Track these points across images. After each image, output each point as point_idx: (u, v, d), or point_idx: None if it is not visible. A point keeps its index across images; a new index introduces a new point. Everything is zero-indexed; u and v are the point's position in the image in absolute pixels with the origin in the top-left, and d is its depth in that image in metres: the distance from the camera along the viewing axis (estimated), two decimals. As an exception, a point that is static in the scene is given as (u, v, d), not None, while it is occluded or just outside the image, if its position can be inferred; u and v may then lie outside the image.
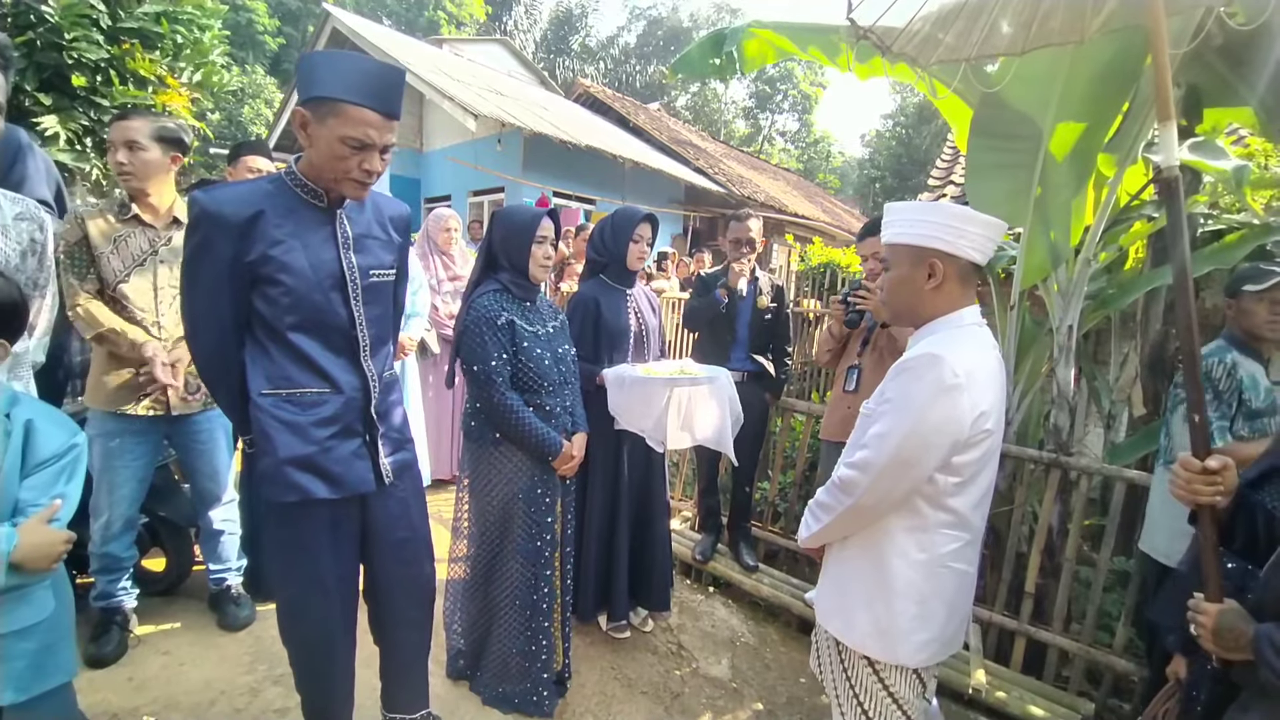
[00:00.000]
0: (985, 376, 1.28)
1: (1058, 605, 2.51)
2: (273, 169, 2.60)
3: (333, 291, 1.42)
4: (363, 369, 1.49)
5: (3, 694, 1.11)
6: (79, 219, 2.00)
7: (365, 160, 1.35)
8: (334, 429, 1.45)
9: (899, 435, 1.25)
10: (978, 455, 1.28)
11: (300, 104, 1.33)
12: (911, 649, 1.33)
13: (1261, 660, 1.07)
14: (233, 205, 1.31)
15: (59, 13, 4.23)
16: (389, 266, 1.55)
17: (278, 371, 1.40)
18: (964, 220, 1.30)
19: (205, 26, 5.51)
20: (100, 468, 2.09)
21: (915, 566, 1.31)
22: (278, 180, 1.40)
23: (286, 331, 1.39)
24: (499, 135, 8.24)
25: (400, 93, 1.38)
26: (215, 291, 1.34)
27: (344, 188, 1.39)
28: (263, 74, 18.99)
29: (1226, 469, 1.21)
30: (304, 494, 1.42)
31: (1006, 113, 2.44)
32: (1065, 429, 2.67)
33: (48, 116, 4.49)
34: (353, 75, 1.30)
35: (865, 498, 1.29)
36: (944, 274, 1.31)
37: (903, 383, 1.28)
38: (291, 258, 1.36)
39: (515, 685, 2.03)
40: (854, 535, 1.39)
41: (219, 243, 1.30)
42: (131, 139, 1.99)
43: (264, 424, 1.40)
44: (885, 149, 25.41)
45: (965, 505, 1.31)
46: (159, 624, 2.31)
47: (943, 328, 1.33)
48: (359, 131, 1.31)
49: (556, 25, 28.72)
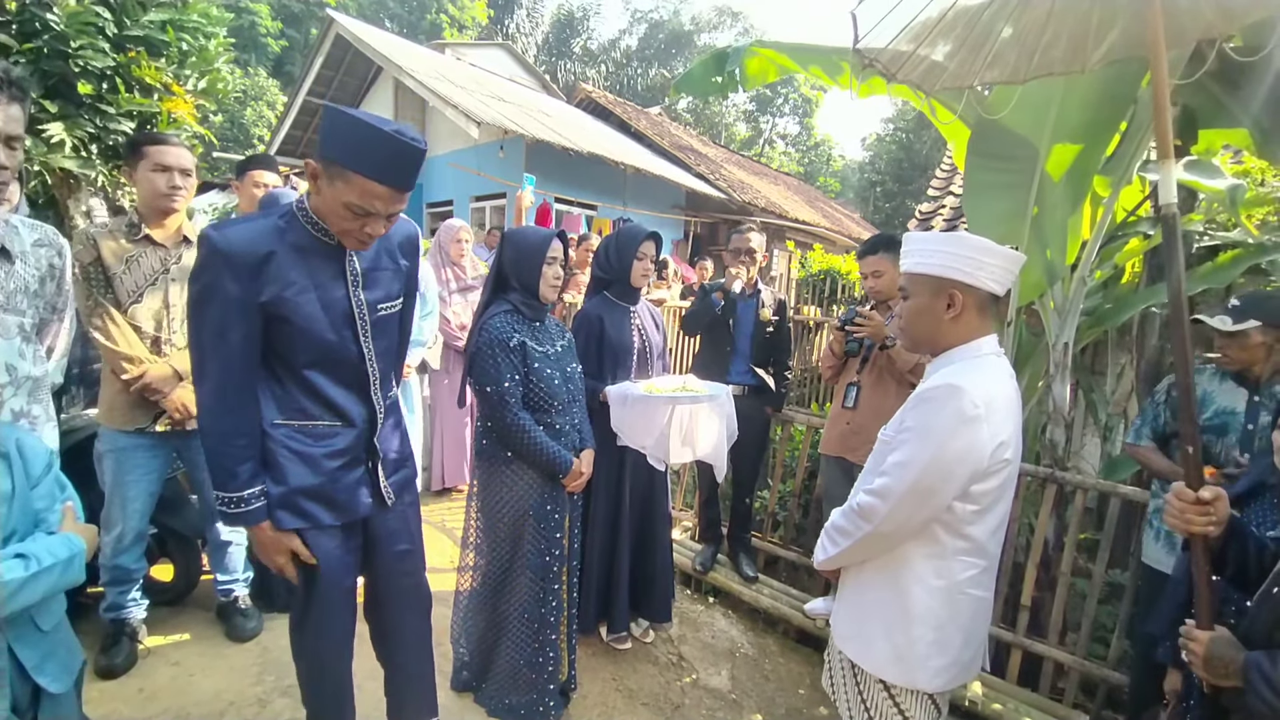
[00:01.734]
0: (1004, 406, 1.31)
1: (1053, 618, 2.54)
2: (278, 182, 2.64)
3: (343, 330, 1.44)
4: (371, 401, 1.53)
5: (52, 684, 1.17)
6: (91, 240, 2.04)
7: (368, 225, 1.35)
8: (343, 460, 1.49)
9: (920, 464, 1.27)
10: (996, 484, 1.30)
11: (317, 157, 1.33)
12: (929, 674, 1.35)
13: (1250, 688, 1.10)
14: (243, 245, 1.30)
15: (64, 20, 4.26)
16: (396, 297, 1.57)
17: (291, 403, 1.43)
18: (983, 252, 1.32)
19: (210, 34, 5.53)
20: (113, 482, 2.13)
21: (933, 593, 1.33)
22: (289, 216, 1.40)
23: (300, 368, 1.42)
24: (501, 142, 8.29)
25: (417, 169, 1.35)
26: (223, 329, 1.32)
27: (345, 241, 1.40)
28: (265, 76, 19.05)
29: (1219, 499, 1.24)
30: (313, 521, 1.47)
31: (1004, 134, 2.48)
32: (1061, 444, 2.71)
33: (53, 124, 4.52)
34: (372, 150, 1.28)
35: (884, 524, 1.31)
36: (963, 304, 1.34)
37: (923, 413, 1.30)
38: (303, 299, 1.37)
39: (522, 696, 2.07)
40: (872, 560, 1.41)
41: (228, 283, 1.29)
42: (187, 167, 2.12)
43: (276, 454, 1.42)
44: (885, 153, 25.50)
45: (983, 533, 1.33)
46: (168, 635, 2.35)
47: (960, 357, 1.36)
48: (365, 202, 1.31)
49: (558, 28, 28.80)
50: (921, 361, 2.35)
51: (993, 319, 1.41)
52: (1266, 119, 2.25)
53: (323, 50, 10.17)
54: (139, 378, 2.04)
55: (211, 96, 6.05)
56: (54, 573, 1.08)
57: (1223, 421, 2.01)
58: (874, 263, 2.52)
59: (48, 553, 1.08)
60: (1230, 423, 1.99)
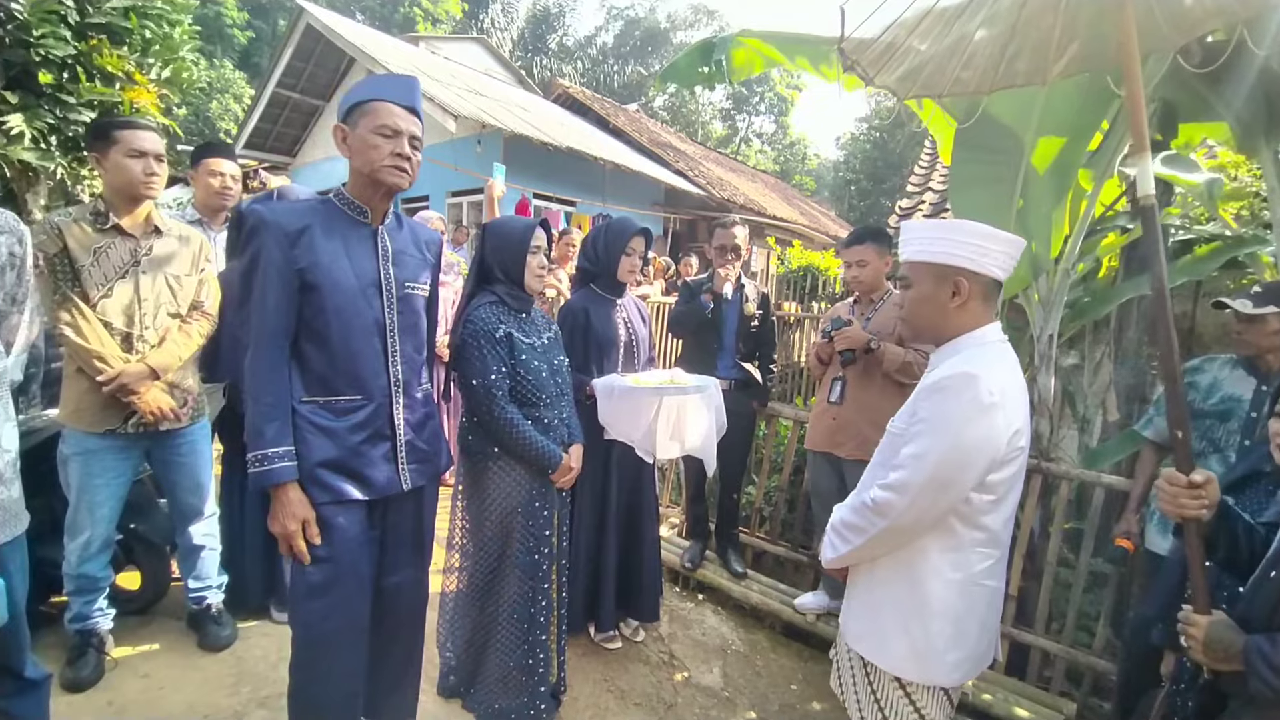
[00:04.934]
0: (1016, 393, 1.30)
1: (1040, 607, 2.57)
2: (235, 171, 2.54)
3: (372, 299, 1.54)
4: (389, 374, 1.58)
5: None
6: (55, 229, 1.93)
7: (396, 146, 1.48)
8: (365, 434, 1.54)
9: (937, 455, 1.24)
10: (1011, 472, 1.29)
11: (337, 124, 1.52)
12: (947, 669, 1.33)
13: (1252, 670, 1.10)
14: (286, 217, 1.46)
15: (26, 9, 4.08)
16: (423, 281, 1.67)
17: (315, 380, 1.50)
18: (987, 238, 1.31)
19: (175, 22, 5.35)
20: (79, 487, 2.01)
21: (951, 586, 1.31)
22: (326, 200, 1.56)
23: (326, 336, 1.49)
24: (479, 136, 8.16)
25: (416, 92, 1.56)
26: (270, 292, 1.44)
27: (383, 176, 1.49)
28: (231, 68, 18.53)
29: (1210, 482, 1.25)
30: (335, 495, 1.48)
31: (991, 126, 2.49)
32: (1046, 435, 2.74)
33: (13, 115, 4.32)
34: (374, 83, 1.53)
35: (902, 519, 1.28)
36: (969, 292, 1.32)
37: (938, 402, 1.27)
38: (335, 266, 1.48)
39: (512, 700, 2.01)
40: (884, 557, 1.38)
41: (273, 249, 1.43)
42: (160, 153, 2.04)
43: (301, 429, 1.48)
44: (860, 152, 25.78)
45: (997, 522, 1.32)
46: (136, 645, 2.23)
47: (966, 346, 1.34)
48: (388, 120, 1.47)
49: (534, 24, 28.53)
50: (909, 360, 2.35)
51: (995, 306, 1.40)
52: (1246, 112, 2.29)
53: (292, 41, 9.90)
54: (114, 378, 1.93)
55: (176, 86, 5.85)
56: None
57: (1227, 408, 2.04)
58: (859, 252, 2.52)
59: None
60: (1234, 409, 2.03)
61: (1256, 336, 1.97)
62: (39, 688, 1.53)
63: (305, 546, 1.45)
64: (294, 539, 1.43)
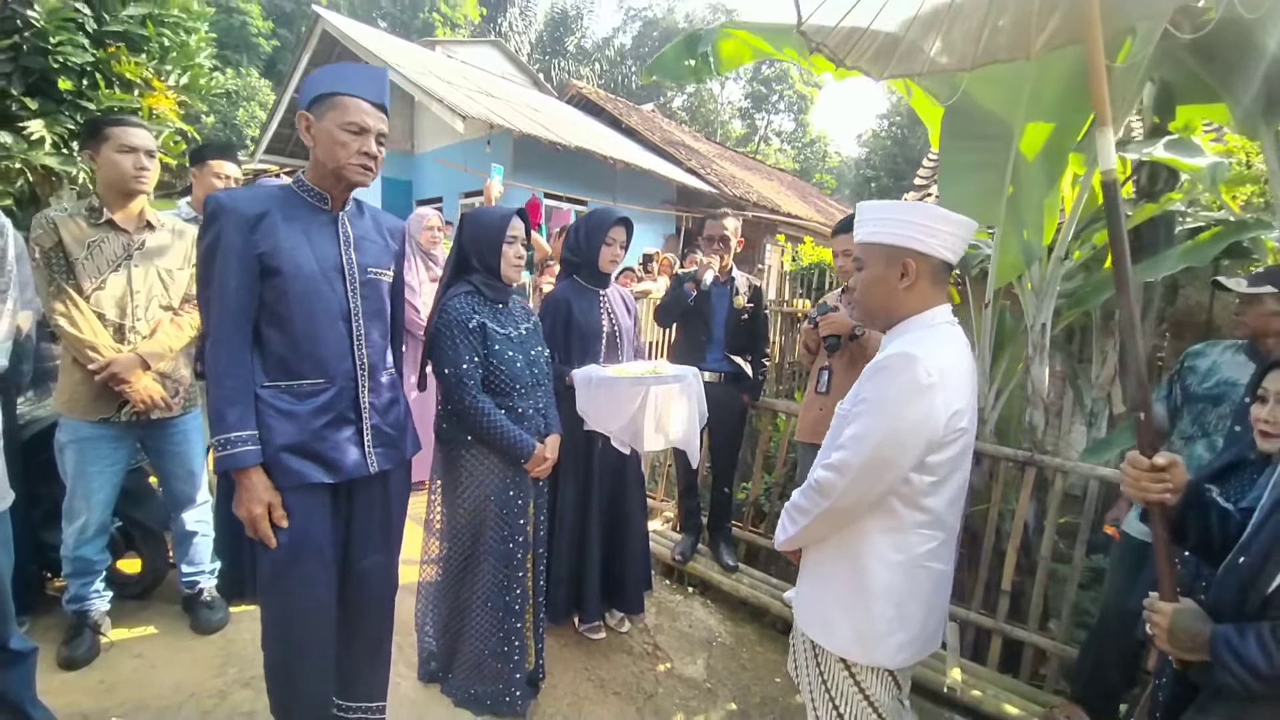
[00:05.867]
0: (959, 375, 1.29)
1: (1033, 603, 2.51)
2: (238, 174, 2.61)
3: (335, 283, 1.56)
4: (354, 358, 1.60)
5: None
6: (51, 223, 2.00)
7: (363, 144, 1.50)
8: (328, 417, 1.55)
9: (876, 436, 1.24)
10: (952, 454, 1.28)
11: (301, 110, 1.52)
12: (891, 651, 1.32)
13: (1218, 662, 1.07)
14: (245, 203, 1.48)
15: (44, 17, 4.23)
16: (385, 266, 1.69)
17: (276, 364, 1.51)
18: (938, 220, 1.30)
19: (192, 29, 5.50)
20: (75, 473, 2.09)
21: (893, 568, 1.31)
22: (286, 188, 1.57)
23: (288, 320, 1.50)
24: (488, 137, 8.24)
25: (384, 85, 1.57)
26: (236, 275, 1.46)
27: (349, 174, 1.52)
28: (257, 76, 18.97)
29: (1174, 465, 1.21)
30: (300, 479, 1.50)
31: (977, 113, 2.45)
32: (1040, 427, 2.68)
33: (34, 121, 4.48)
34: (342, 74, 1.53)
35: (842, 499, 1.28)
36: (917, 273, 1.31)
37: (878, 383, 1.28)
38: (296, 251, 1.50)
39: (488, 686, 2.03)
40: (830, 539, 1.39)
41: (232, 233, 1.44)
42: (151, 148, 2.11)
43: (264, 415, 1.49)
44: (880, 148, 25.46)
45: (940, 504, 1.31)
46: (132, 627, 2.31)
47: (915, 328, 1.33)
48: (356, 117, 1.48)
49: (551, 27, 28.73)
50: None
51: (946, 288, 1.38)
52: (1244, 92, 2.21)
53: (309, 47, 10.11)
54: (105, 366, 2.00)
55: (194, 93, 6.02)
56: None
57: (1221, 392, 2.00)
58: (845, 241, 2.49)
59: None
60: (1228, 394, 1.98)
61: (1254, 319, 1.94)
62: (25, 660, 1.58)
63: (270, 530, 1.47)
64: (259, 522, 1.45)
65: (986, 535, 2.64)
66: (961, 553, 2.82)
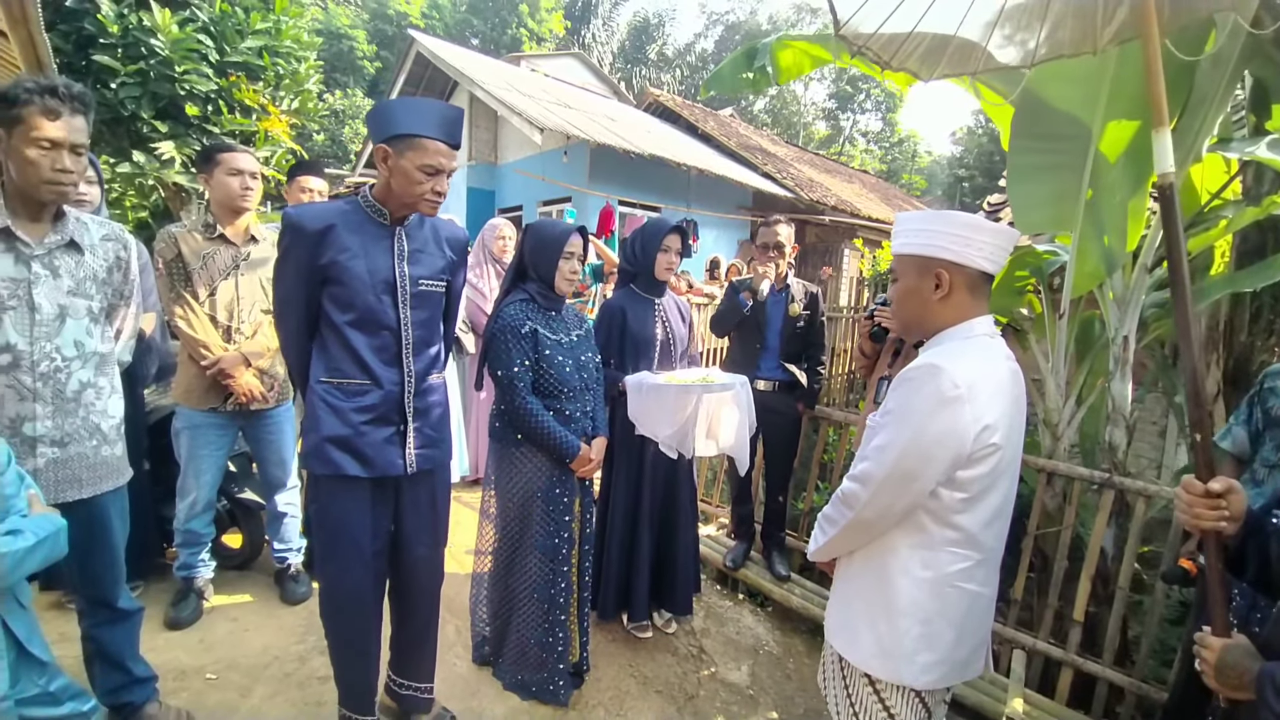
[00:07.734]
0: (992, 388, 1.24)
1: (1109, 635, 2.34)
2: (325, 187, 2.87)
3: (384, 295, 1.65)
4: (403, 366, 1.70)
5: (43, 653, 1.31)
6: (172, 238, 2.31)
7: (437, 184, 1.62)
8: (370, 416, 1.66)
9: (899, 447, 1.22)
10: (985, 471, 1.24)
11: (380, 142, 1.59)
12: (916, 670, 1.29)
13: (1261, 701, 1.00)
14: (311, 219, 1.60)
15: (168, 47, 4.79)
16: (439, 278, 1.78)
17: (332, 363, 1.65)
18: (971, 229, 1.26)
19: (302, 58, 6.07)
20: (187, 456, 2.39)
21: (920, 584, 1.28)
22: (353, 201, 1.68)
23: (343, 327, 1.63)
24: (565, 147, 8.52)
25: (460, 127, 1.66)
26: (295, 285, 1.62)
27: (421, 208, 1.66)
28: (361, 96, 20.49)
29: (1232, 492, 1.13)
30: (336, 469, 1.63)
31: (1051, 112, 2.33)
32: (1122, 446, 2.49)
33: (164, 142, 5.09)
34: (423, 114, 1.59)
35: (865, 511, 1.27)
36: (951, 284, 1.28)
37: (903, 394, 1.26)
38: (353, 264, 1.61)
39: (533, 674, 2.14)
40: (859, 550, 1.37)
41: (298, 248, 1.59)
42: (255, 170, 2.40)
43: (315, 406, 1.65)
44: (976, 146, 24.05)
45: (973, 523, 1.27)
46: (232, 595, 2.60)
47: (950, 339, 1.30)
48: (434, 160, 1.59)
49: (634, 35, 29.18)
50: None
51: (986, 299, 1.34)
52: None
53: (405, 68, 10.85)
54: (215, 363, 2.28)
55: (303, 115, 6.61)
56: (46, 545, 1.22)
57: None
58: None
59: (37, 528, 1.22)
60: None
61: None
62: (130, 619, 1.78)
63: None
64: None
65: (1057, 560, 2.49)
66: (1030, 577, 2.67)
